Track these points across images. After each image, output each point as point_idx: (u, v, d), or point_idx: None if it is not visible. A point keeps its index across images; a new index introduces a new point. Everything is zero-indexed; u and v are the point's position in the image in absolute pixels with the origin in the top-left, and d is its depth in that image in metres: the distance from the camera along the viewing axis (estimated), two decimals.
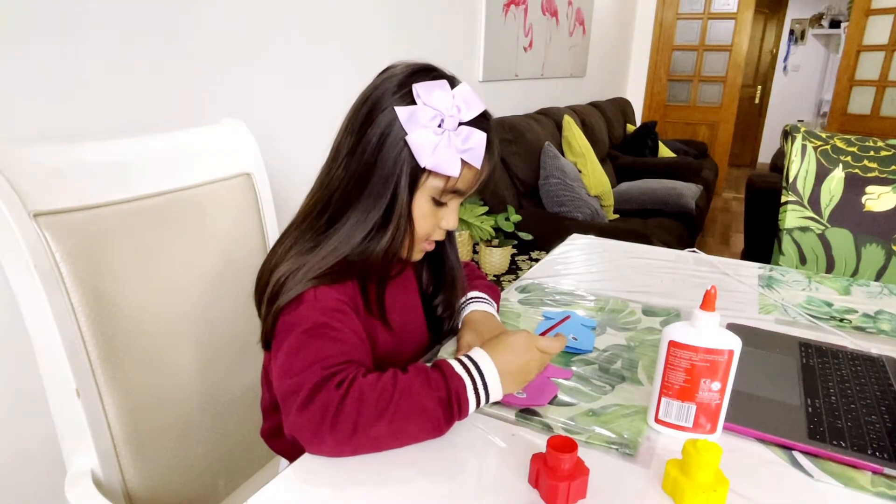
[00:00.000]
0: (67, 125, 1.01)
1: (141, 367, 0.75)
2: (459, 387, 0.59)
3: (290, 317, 0.63)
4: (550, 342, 0.64)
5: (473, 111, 0.64)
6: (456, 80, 0.67)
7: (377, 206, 0.65)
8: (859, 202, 1.44)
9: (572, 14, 3.52)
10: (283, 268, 0.65)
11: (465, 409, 0.60)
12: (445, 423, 0.59)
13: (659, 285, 1.09)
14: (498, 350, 0.63)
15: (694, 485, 0.52)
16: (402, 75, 0.65)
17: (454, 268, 0.81)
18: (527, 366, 0.64)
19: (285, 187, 1.49)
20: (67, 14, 0.98)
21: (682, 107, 5.05)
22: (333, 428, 0.54)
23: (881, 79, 3.81)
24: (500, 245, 2.20)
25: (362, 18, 1.73)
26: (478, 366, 0.61)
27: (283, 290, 0.64)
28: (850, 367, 0.79)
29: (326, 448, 0.56)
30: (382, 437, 0.57)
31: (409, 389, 0.57)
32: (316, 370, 0.57)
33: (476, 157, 0.64)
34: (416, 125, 0.62)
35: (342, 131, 0.68)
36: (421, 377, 0.59)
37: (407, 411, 0.56)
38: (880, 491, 0.56)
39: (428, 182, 0.66)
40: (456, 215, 0.71)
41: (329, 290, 0.65)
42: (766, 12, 6.39)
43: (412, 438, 0.59)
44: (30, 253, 0.63)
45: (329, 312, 0.63)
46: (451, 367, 0.61)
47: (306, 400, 0.56)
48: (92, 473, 0.69)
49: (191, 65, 1.22)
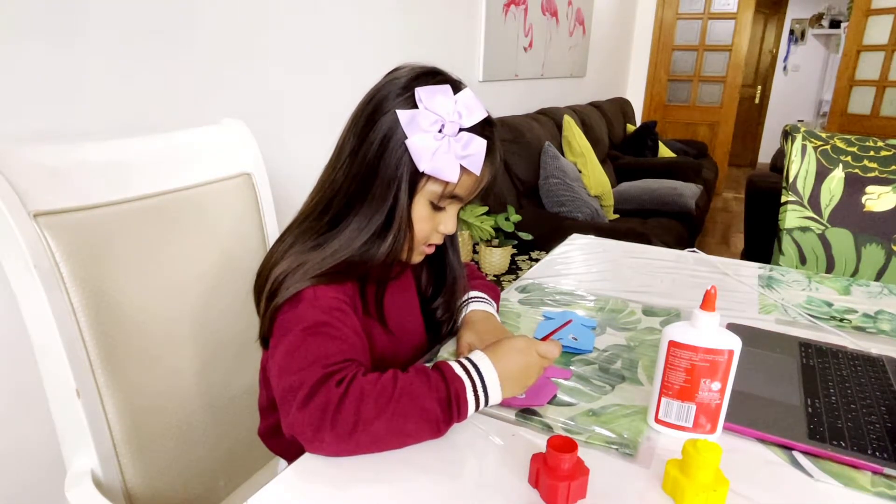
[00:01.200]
0: (67, 125, 1.01)
1: (141, 367, 0.75)
2: (459, 388, 0.59)
3: (289, 315, 0.63)
4: (550, 347, 0.64)
5: (475, 117, 0.64)
6: (461, 85, 0.66)
7: (380, 210, 0.65)
8: (859, 202, 1.44)
9: (572, 14, 3.52)
10: (282, 265, 0.65)
11: (464, 411, 0.60)
12: (444, 424, 0.59)
13: (659, 285, 1.09)
14: (498, 354, 0.63)
15: (694, 485, 0.52)
16: (407, 78, 0.65)
17: (455, 271, 0.80)
18: (527, 370, 0.64)
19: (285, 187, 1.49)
20: (67, 14, 0.98)
21: (682, 107, 5.05)
22: (333, 426, 0.54)
23: (881, 79, 3.81)
24: (500, 245, 2.20)
25: (362, 19, 1.73)
26: (478, 368, 0.61)
27: (282, 287, 0.64)
28: (850, 367, 0.79)
29: (326, 446, 0.56)
30: (382, 436, 0.56)
31: (409, 389, 0.57)
32: (316, 368, 0.57)
33: (475, 163, 0.64)
34: (416, 129, 0.62)
35: (346, 131, 0.68)
36: (421, 377, 0.59)
37: (406, 410, 0.56)
38: (880, 491, 0.56)
39: (427, 186, 0.66)
40: (454, 220, 0.70)
41: (328, 289, 0.65)
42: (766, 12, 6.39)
43: (411, 438, 0.59)
44: (30, 253, 0.63)
45: (329, 311, 0.63)
46: (452, 368, 0.61)
47: (306, 398, 0.55)
48: (92, 473, 0.69)
49: (191, 65, 1.22)
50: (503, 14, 2.63)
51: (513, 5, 2.70)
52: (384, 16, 1.84)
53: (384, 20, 1.84)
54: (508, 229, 2.18)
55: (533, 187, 2.59)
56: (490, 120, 0.67)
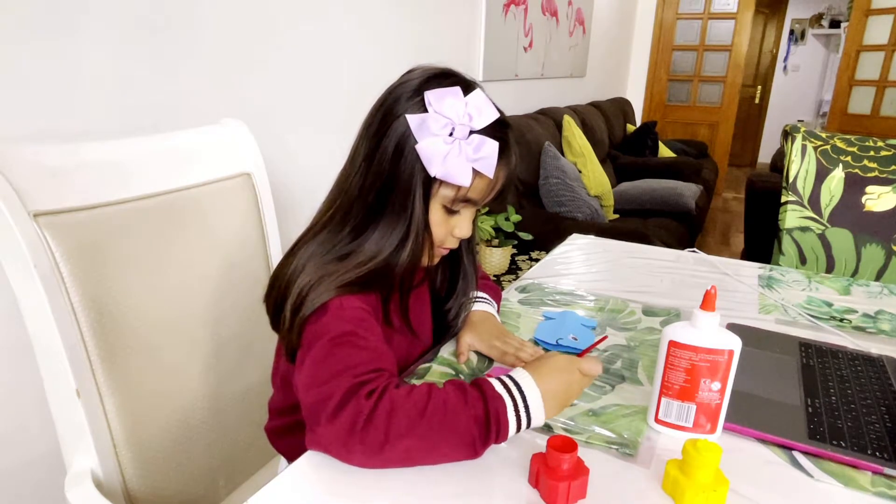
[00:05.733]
0: (68, 125, 1.01)
1: (141, 367, 0.75)
2: (500, 407, 0.56)
3: (316, 326, 0.61)
4: (592, 364, 0.63)
5: (486, 119, 0.62)
6: (474, 86, 0.65)
7: (402, 219, 0.63)
8: (859, 202, 1.44)
9: (572, 14, 3.52)
10: (305, 277, 0.63)
11: (504, 432, 0.57)
12: (481, 445, 0.56)
13: (659, 285, 1.09)
14: (541, 372, 0.61)
15: (694, 485, 0.52)
16: (418, 80, 0.64)
17: (469, 276, 0.79)
18: (569, 388, 0.62)
19: (285, 187, 1.49)
20: (68, 14, 0.98)
21: (682, 107, 5.05)
22: (363, 440, 0.53)
23: (881, 79, 3.81)
24: (500, 245, 2.20)
25: (362, 19, 1.73)
26: (520, 386, 0.59)
27: (308, 299, 0.62)
28: (850, 367, 0.79)
29: (356, 460, 0.55)
30: (413, 453, 0.54)
31: (444, 405, 0.55)
32: (345, 379, 0.55)
33: (488, 166, 0.63)
34: (426, 133, 0.61)
35: (359, 136, 0.67)
36: (457, 393, 0.56)
37: (440, 428, 0.54)
38: (880, 491, 0.56)
39: (440, 191, 0.64)
40: (469, 224, 0.69)
41: (354, 298, 0.63)
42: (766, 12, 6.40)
43: (445, 457, 0.56)
44: (30, 253, 0.63)
45: (354, 321, 0.61)
46: (492, 386, 0.58)
47: (336, 409, 0.54)
48: (92, 473, 0.69)
49: (191, 65, 1.22)
50: (503, 14, 2.63)
51: (513, 5, 2.70)
52: (384, 16, 1.84)
53: (384, 20, 1.84)
54: (508, 229, 2.18)
55: (533, 187, 2.59)
56: (503, 120, 0.65)
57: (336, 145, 1.67)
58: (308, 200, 1.56)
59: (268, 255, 0.98)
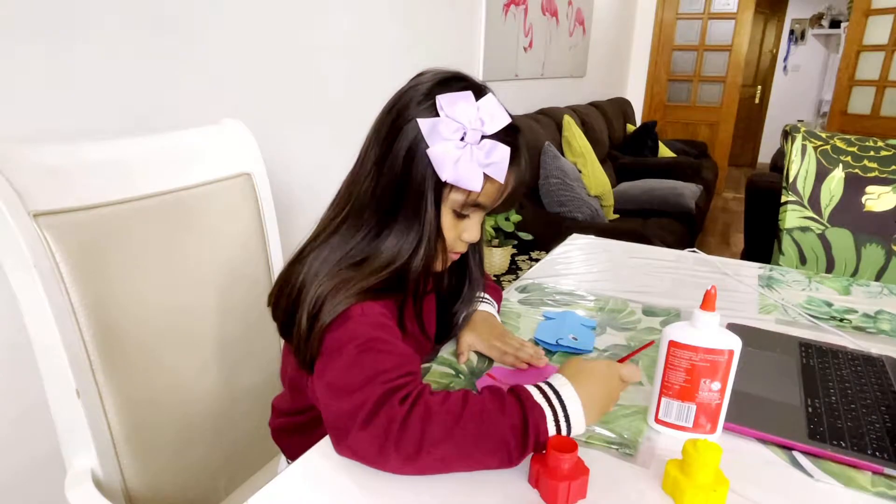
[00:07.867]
0: (68, 125, 1.01)
1: (141, 367, 0.75)
2: (539, 417, 0.55)
3: (338, 333, 0.60)
4: (631, 370, 0.62)
5: (497, 124, 0.62)
6: (485, 90, 0.64)
7: (415, 223, 0.63)
8: (859, 202, 1.44)
9: (572, 14, 3.52)
10: (321, 284, 0.62)
11: (544, 441, 0.55)
12: (518, 455, 0.54)
13: (659, 285, 1.09)
14: (580, 378, 0.59)
15: (694, 485, 0.52)
16: (429, 84, 0.63)
17: (475, 281, 0.79)
18: (609, 395, 0.61)
19: (285, 187, 1.49)
20: (68, 14, 0.98)
21: (682, 107, 5.05)
22: (398, 446, 0.52)
23: (881, 79, 3.81)
24: (500, 245, 2.20)
25: (362, 19, 1.73)
26: (559, 395, 0.57)
27: (325, 307, 0.61)
28: (850, 367, 0.79)
29: (391, 466, 0.54)
30: (449, 460, 0.54)
31: (480, 413, 0.54)
32: (377, 385, 0.54)
33: (499, 171, 0.62)
34: (437, 138, 0.60)
35: (369, 139, 0.66)
36: (495, 401, 0.55)
37: (475, 436, 0.53)
38: (880, 491, 0.56)
39: (450, 195, 0.64)
40: (478, 228, 0.69)
41: (374, 304, 0.62)
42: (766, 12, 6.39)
43: (480, 465, 0.55)
44: (30, 253, 0.63)
45: (379, 326, 0.61)
46: (530, 395, 0.57)
47: (369, 415, 0.52)
48: (92, 473, 0.69)
49: (191, 65, 1.22)
50: (503, 14, 2.63)
51: (513, 5, 2.70)
52: (385, 15, 1.84)
53: (385, 20, 1.84)
54: (508, 229, 2.18)
55: (533, 187, 2.59)
56: (514, 125, 0.64)
57: (336, 145, 1.67)
58: (308, 200, 1.56)
59: (268, 254, 0.98)
